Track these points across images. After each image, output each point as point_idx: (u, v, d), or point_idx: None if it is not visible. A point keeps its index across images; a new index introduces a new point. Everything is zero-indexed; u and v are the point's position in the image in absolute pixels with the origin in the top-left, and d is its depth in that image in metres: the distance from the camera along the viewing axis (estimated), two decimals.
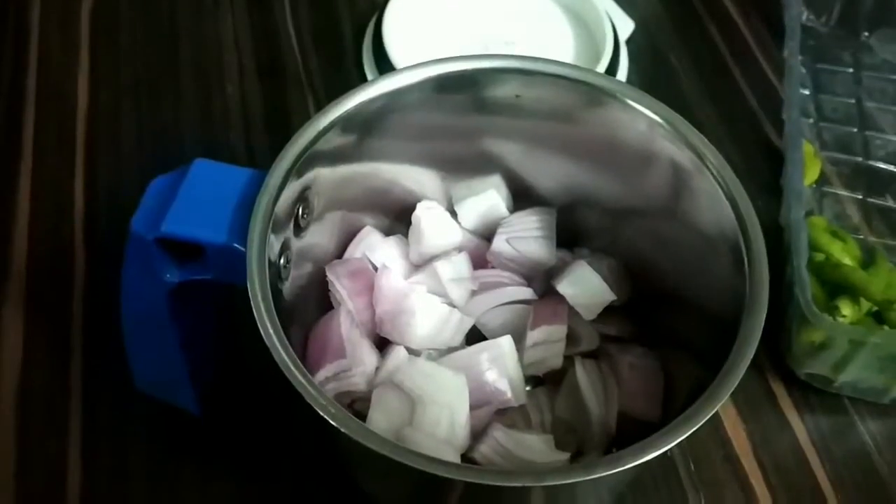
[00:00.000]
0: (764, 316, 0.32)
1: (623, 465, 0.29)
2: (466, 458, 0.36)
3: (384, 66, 0.57)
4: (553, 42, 0.61)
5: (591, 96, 0.38)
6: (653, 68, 0.62)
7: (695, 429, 0.30)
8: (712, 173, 0.35)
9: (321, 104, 0.58)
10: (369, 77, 0.58)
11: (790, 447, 0.46)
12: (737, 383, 0.31)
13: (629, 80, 0.59)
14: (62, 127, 0.57)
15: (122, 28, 0.63)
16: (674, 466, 0.44)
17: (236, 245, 0.33)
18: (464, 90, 0.39)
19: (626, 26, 0.62)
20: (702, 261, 0.38)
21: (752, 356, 0.31)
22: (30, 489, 0.43)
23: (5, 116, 0.57)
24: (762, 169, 0.56)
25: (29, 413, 0.46)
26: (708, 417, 0.31)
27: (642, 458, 0.30)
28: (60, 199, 0.54)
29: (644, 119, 0.37)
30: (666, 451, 0.30)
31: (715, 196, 0.35)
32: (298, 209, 0.36)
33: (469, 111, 0.40)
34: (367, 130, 0.38)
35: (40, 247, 0.52)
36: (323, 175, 0.37)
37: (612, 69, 0.58)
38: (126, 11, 0.63)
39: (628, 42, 0.61)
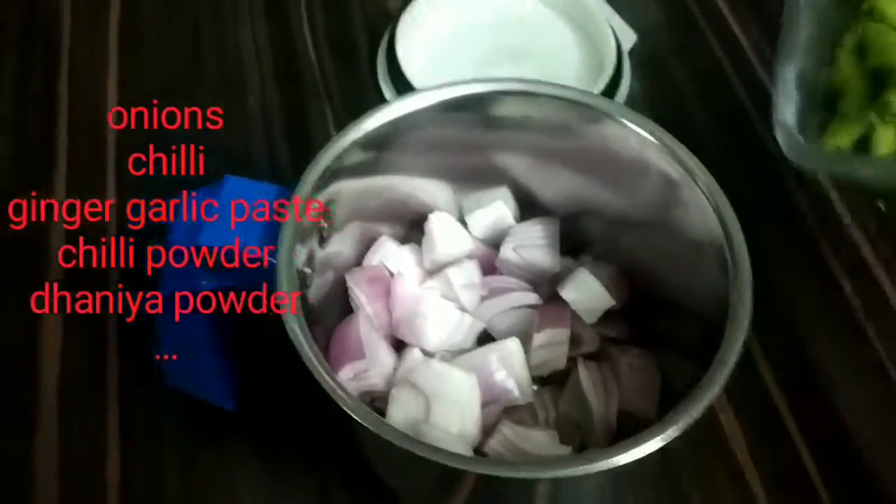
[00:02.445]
0: (748, 318, 0.35)
1: (623, 456, 0.32)
2: (477, 452, 0.39)
3: (397, 75, 0.60)
4: (558, 53, 0.63)
5: (590, 115, 0.41)
6: (654, 77, 0.63)
7: (689, 422, 0.33)
8: (699, 186, 0.38)
9: (337, 112, 0.61)
10: (383, 86, 0.61)
11: (786, 447, 0.48)
12: (725, 379, 0.34)
13: (631, 89, 0.62)
14: (93, 136, 0.59)
15: (147, 38, 0.65)
16: (674, 468, 0.47)
17: (267, 255, 0.36)
18: (474, 110, 0.41)
19: (628, 37, 0.64)
20: (693, 266, 0.40)
21: (736, 356, 0.34)
22: (72, 478, 0.46)
23: (40, 123, 0.60)
24: (757, 170, 0.58)
25: (69, 406, 0.48)
26: (702, 411, 0.33)
27: (641, 448, 0.32)
28: (94, 204, 0.56)
29: (637, 137, 0.40)
30: (664, 446, 0.33)
31: (702, 207, 0.38)
32: (322, 222, 0.39)
33: (478, 128, 0.42)
34: (383, 147, 0.41)
35: (76, 247, 0.54)
36: (343, 189, 0.40)
37: (615, 79, 0.60)
38: (151, 22, 0.66)
39: (631, 52, 0.64)
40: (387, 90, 0.61)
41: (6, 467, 0.47)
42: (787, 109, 0.42)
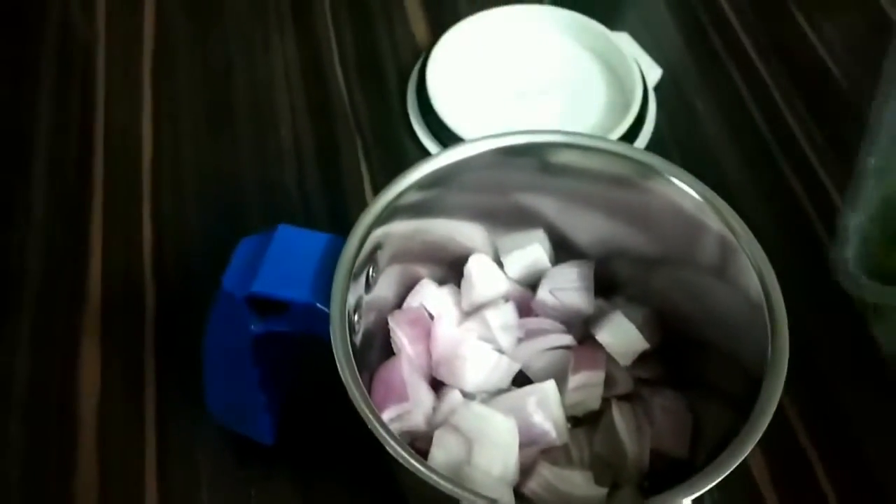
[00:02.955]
0: (783, 379, 0.36)
1: None
2: (516, 493, 0.40)
3: (426, 108, 0.61)
4: (585, 87, 0.64)
5: (638, 169, 0.42)
6: (680, 113, 0.65)
7: (723, 476, 0.34)
8: (743, 248, 0.39)
9: (367, 143, 0.63)
10: (413, 119, 0.62)
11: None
12: (759, 436, 0.35)
13: (658, 125, 0.63)
14: (129, 164, 0.61)
15: (180, 70, 0.66)
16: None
17: (318, 304, 0.37)
18: (517, 157, 0.43)
19: (654, 73, 0.65)
20: (729, 315, 0.41)
21: (772, 413, 0.35)
22: None
23: (76, 154, 0.61)
24: (780, 208, 0.60)
25: (108, 438, 0.49)
26: (735, 466, 0.35)
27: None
28: (130, 234, 0.57)
29: (683, 194, 0.41)
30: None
31: (744, 265, 0.39)
32: (369, 268, 0.40)
33: (518, 174, 0.43)
34: (425, 192, 0.42)
35: (113, 279, 0.55)
36: (389, 235, 0.41)
37: (641, 115, 0.61)
38: (184, 56, 0.67)
39: (656, 88, 0.65)
40: (416, 122, 0.62)
41: (45, 499, 0.48)
42: (846, 251, 0.43)
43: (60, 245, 0.57)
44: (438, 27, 0.66)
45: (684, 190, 0.41)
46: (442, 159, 0.41)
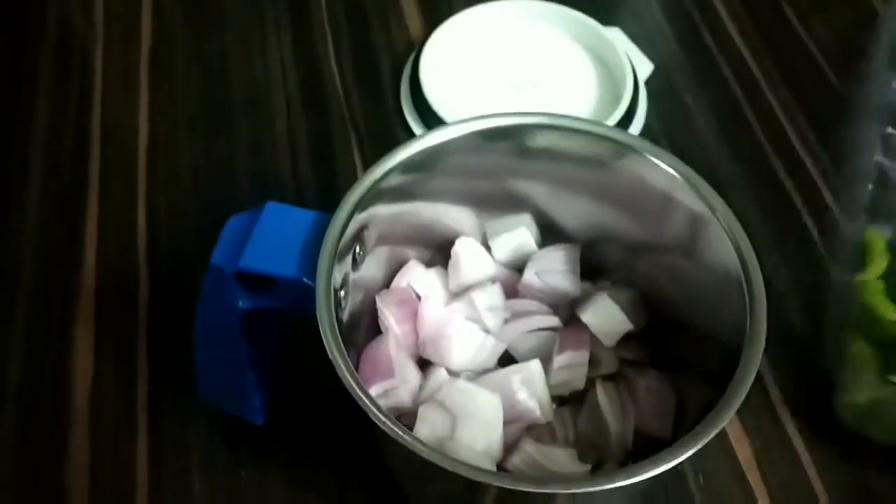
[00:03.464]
0: (761, 348, 0.36)
1: (640, 476, 0.34)
2: (500, 467, 0.41)
3: (420, 101, 0.62)
4: (576, 82, 0.65)
5: (616, 149, 0.42)
6: (670, 108, 0.65)
7: (701, 445, 0.35)
8: (721, 222, 0.39)
9: (361, 137, 0.63)
10: (406, 113, 0.63)
11: (792, 464, 0.50)
12: (738, 405, 0.35)
13: (648, 119, 0.64)
14: (124, 160, 0.61)
15: (177, 68, 0.67)
16: (684, 480, 0.49)
17: (305, 279, 0.37)
18: (502, 140, 0.43)
19: (645, 68, 0.66)
20: (711, 294, 0.42)
21: (751, 382, 0.36)
22: (103, 492, 0.48)
23: (73, 151, 0.62)
24: (772, 201, 0.60)
25: (100, 422, 0.50)
26: (713, 435, 0.35)
27: (656, 469, 0.34)
28: (125, 226, 0.58)
29: (662, 172, 0.41)
30: (677, 465, 0.35)
31: (723, 242, 0.39)
32: (355, 246, 0.41)
33: (505, 158, 0.44)
34: (414, 174, 0.42)
35: (107, 270, 0.56)
36: (376, 215, 0.42)
37: (631, 108, 0.62)
38: (181, 53, 0.68)
39: (647, 83, 0.66)
40: (410, 116, 0.63)
41: (38, 485, 0.49)
42: None
43: (56, 238, 0.58)
44: (433, 22, 0.67)
45: (660, 167, 0.42)
46: (425, 141, 0.42)
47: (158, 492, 0.48)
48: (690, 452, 0.34)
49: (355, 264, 0.41)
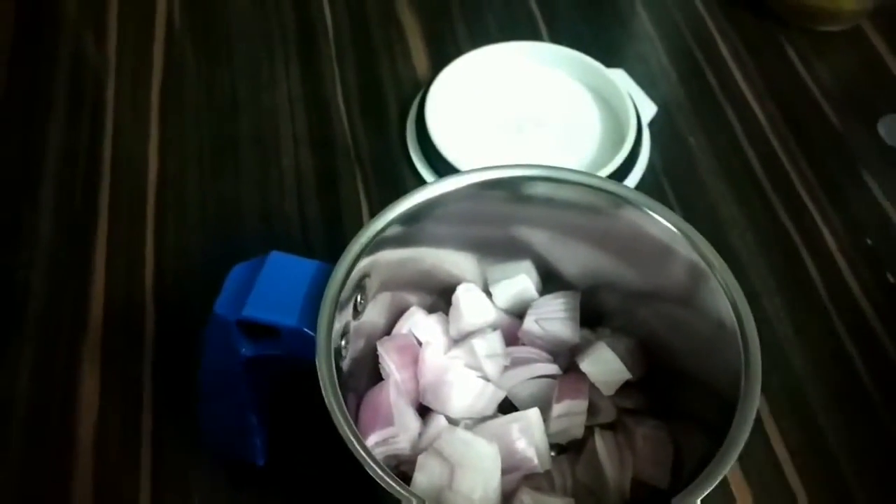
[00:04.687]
0: (756, 403, 0.37)
1: None
2: None
3: (425, 141, 0.63)
4: (581, 123, 0.66)
5: (614, 200, 0.43)
6: (673, 149, 0.66)
7: (700, 497, 0.35)
8: (716, 277, 0.40)
9: (367, 174, 0.64)
10: (412, 151, 0.64)
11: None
12: (735, 456, 0.36)
13: (651, 160, 0.64)
14: (134, 192, 0.62)
15: (187, 101, 0.68)
16: None
17: (306, 329, 0.38)
18: (504, 190, 0.44)
19: (649, 110, 0.67)
20: (708, 344, 0.42)
21: (747, 434, 0.36)
22: None
23: (83, 182, 0.63)
24: (773, 243, 0.61)
25: (104, 456, 0.50)
26: (712, 487, 0.35)
27: None
28: (133, 259, 0.59)
29: (660, 225, 0.42)
30: None
31: (719, 295, 0.40)
32: (357, 295, 0.41)
33: (506, 206, 0.45)
34: (415, 222, 0.43)
35: (115, 304, 0.57)
36: (377, 264, 0.42)
37: (635, 150, 0.63)
38: (191, 87, 0.69)
39: (651, 124, 0.66)
40: (415, 154, 0.64)
41: None
42: None
43: (64, 269, 0.59)
44: (440, 62, 0.68)
45: (656, 219, 0.42)
46: (425, 193, 0.42)
47: None
48: None
49: (357, 312, 0.42)
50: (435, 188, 0.42)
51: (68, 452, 0.51)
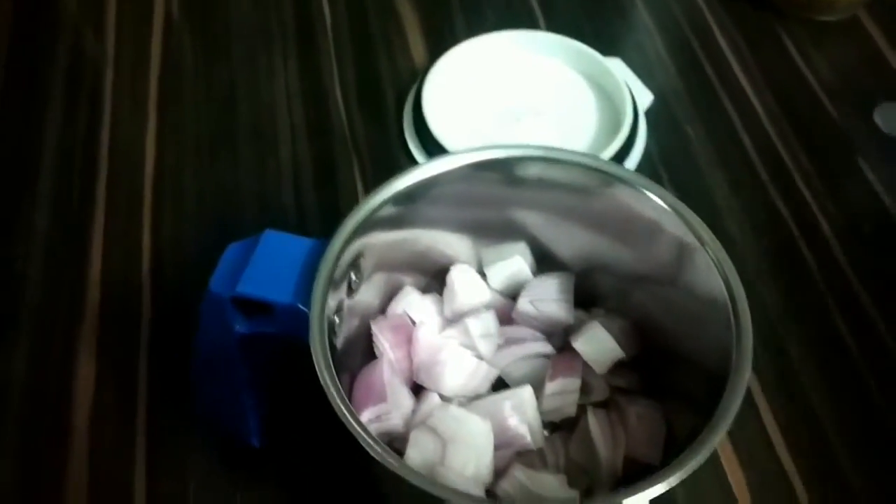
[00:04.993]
0: (747, 376, 0.37)
1: (628, 500, 0.34)
2: (489, 493, 0.41)
3: (422, 128, 0.63)
4: (577, 111, 0.66)
5: (607, 180, 0.43)
6: (670, 138, 0.66)
7: (688, 471, 0.35)
8: (709, 253, 0.40)
9: (364, 163, 0.64)
10: (409, 139, 0.64)
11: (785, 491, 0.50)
12: (724, 431, 0.36)
13: (647, 149, 0.64)
14: (131, 182, 0.62)
15: (185, 93, 0.68)
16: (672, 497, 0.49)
17: (300, 306, 0.38)
18: (497, 171, 0.44)
19: (645, 98, 0.67)
20: (700, 323, 0.42)
21: (737, 408, 0.36)
22: None
23: (81, 172, 0.63)
24: (769, 231, 0.61)
25: (99, 441, 0.51)
26: (700, 461, 0.35)
27: (645, 494, 0.34)
28: (129, 250, 0.59)
29: (652, 204, 0.42)
30: (668, 492, 0.35)
31: (711, 271, 0.40)
32: (351, 274, 0.42)
33: (500, 187, 0.45)
34: (409, 203, 0.43)
35: (111, 291, 0.57)
36: (372, 242, 0.43)
37: (631, 138, 0.63)
38: (190, 78, 0.69)
39: (647, 113, 0.66)
40: (412, 143, 0.64)
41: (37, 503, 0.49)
42: None
43: (61, 259, 0.59)
44: (437, 51, 0.68)
45: (650, 198, 0.42)
46: (420, 173, 0.43)
47: None
48: (677, 478, 0.35)
49: (351, 291, 0.42)
50: (429, 168, 0.43)
51: (64, 438, 0.51)
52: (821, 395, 0.53)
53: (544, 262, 0.49)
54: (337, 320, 0.40)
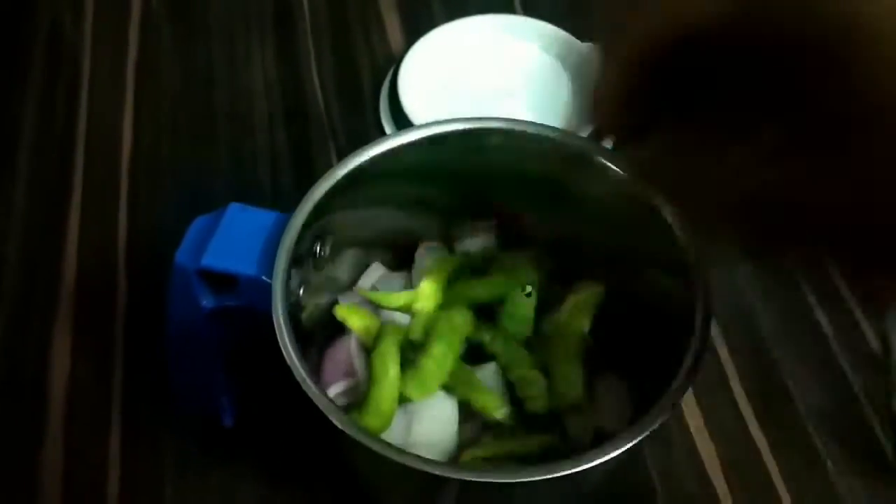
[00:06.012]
0: (704, 345, 0.38)
1: (598, 460, 0.35)
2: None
3: (398, 114, 0.63)
4: (553, 95, 0.66)
5: (571, 151, 0.43)
6: None
7: (647, 432, 0.35)
8: (668, 219, 0.40)
9: (341, 148, 0.64)
10: (385, 124, 0.64)
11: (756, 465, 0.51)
12: (683, 391, 0.37)
13: None
14: (108, 166, 0.63)
15: (163, 78, 0.68)
16: (653, 488, 0.50)
17: (264, 277, 0.39)
18: (461, 145, 0.44)
19: None
20: (667, 294, 0.43)
21: (695, 369, 0.37)
22: (74, 490, 0.49)
23: (58, 156, 0.63)
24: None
25: (75, 420, 0.51)
26: (658, 423, 0.36)
27: (605, 454, 0.35)
28: (106, 230, 0.59)
29: (614, 172, 0.43)
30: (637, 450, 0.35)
31: (672, 236, 0.40)
32: (316, 248, 0.42)
33: (466, 163, 0.45)
34: (376, 178, 0.43)
35: (88, 271, 0.57)
36: (338, 218, 0.43)
37: None
38: (167, 63, 0.69)
39: None
40: (388, 128, 0.64)
41: (11, 478, 0.50)
42: None
43: (39, 237, 0.59)
44: (415, 36, 0.68)
45: (610, 167, 0.43)
46: (383, 145, 0.43)
47: (130, 491, 0.49)
48: (635, 439, 0.35)
49: (319, 266, 0.42)
50: (393, 140, 0.43)
51: (40, 418, 0.51)
52: (790, 367, 0.54)
53: (512, 236, 0.49)
54: (302, 292, 0.40)
